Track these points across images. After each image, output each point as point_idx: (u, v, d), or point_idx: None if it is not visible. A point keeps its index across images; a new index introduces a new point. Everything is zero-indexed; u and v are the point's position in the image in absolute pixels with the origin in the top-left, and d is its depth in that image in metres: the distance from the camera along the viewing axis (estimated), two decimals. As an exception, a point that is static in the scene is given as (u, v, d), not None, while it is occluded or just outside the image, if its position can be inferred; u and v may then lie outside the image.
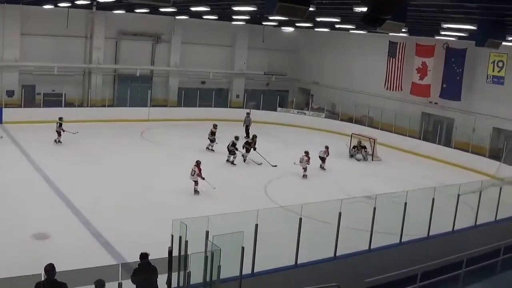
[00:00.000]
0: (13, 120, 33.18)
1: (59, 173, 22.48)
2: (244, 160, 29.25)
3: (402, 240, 15.86)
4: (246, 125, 36.41)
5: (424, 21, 23.62)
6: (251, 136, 31.27)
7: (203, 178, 22.88)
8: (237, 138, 28.98)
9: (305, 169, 27.09)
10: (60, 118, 30.24)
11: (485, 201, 18.37)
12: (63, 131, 29.86)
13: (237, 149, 28.81)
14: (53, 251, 15.29)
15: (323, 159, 29.03)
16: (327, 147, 29.25)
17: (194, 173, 22.88)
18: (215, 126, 32.08)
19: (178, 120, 38.64)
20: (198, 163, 23.14)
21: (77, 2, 30.85)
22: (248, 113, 37.81)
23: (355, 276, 13.84)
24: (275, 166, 27.98)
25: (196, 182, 22.93)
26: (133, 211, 19.76)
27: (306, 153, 27.14)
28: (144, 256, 11.54)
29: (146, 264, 11.44)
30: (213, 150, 31.22)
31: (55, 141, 29.78)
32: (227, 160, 28.72)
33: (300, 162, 27.12)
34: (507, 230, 18.04)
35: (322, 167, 28.94)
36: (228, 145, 28.73)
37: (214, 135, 31.89)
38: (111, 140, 31.34)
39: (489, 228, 18.51)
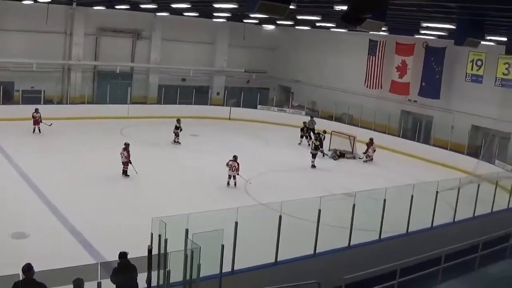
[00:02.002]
0: (-9, 117, 32.72)
1: (38, 171, 22.22)
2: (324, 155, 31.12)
3: (381, 237, 15.97)
4: (311, 129, 35.95)
5: (404, 20, 23.70)
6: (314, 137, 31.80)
7: (238, 174, 23.85)
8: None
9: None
10: (178, 120, 32.20)
11: (463, 198, 18.59)
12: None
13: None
14: (31, 251, 15.12)
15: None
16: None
17: (234, 169, 23.78)
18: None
19: (158, 118, 38.34)
20: (235, 158, 24.04)
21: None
22: (311, 117, 37.75)
23: (335, 273, 13.85)
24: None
25: (234, 177, 23.89)
26: (112, 209, 19.63)
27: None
28: (123, 255, 11.51)
29: (125, 263, 11.39)
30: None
31: (174, 141, 31.81)
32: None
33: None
34: (484, 226, 18.19)
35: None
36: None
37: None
38: (90, 137, 31.06)
39: (467, 225, 18.67)
